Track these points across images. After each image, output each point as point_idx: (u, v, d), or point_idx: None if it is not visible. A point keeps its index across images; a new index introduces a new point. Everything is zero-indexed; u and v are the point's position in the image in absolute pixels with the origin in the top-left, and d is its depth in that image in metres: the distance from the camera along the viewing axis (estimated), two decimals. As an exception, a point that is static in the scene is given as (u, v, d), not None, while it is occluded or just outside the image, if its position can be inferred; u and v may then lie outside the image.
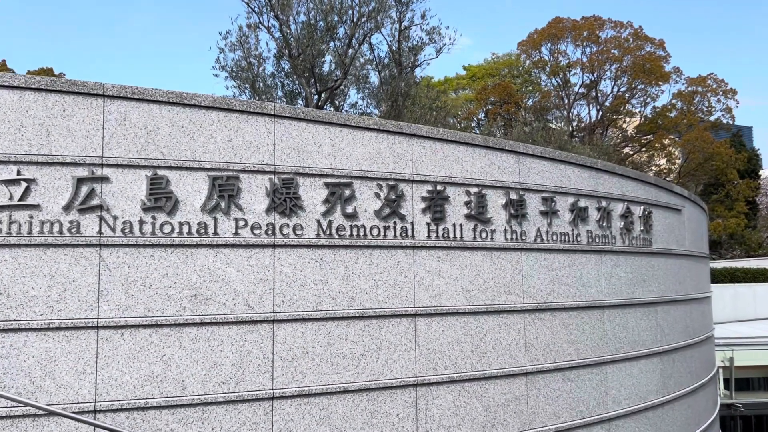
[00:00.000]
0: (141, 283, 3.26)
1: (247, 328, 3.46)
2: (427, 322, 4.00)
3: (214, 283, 3.41)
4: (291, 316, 3.58)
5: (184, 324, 3.33)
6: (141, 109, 3.36)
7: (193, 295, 3.36)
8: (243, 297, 3.47)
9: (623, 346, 5.11)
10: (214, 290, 3.41)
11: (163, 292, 3.30)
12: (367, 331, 3.79)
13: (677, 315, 5.97)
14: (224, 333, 3.41)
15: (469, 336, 4.15)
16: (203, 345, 3.35)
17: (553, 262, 4.65)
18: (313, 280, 3.67)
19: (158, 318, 3.27)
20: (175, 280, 3.33)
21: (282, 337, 3.55)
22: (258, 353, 3.47)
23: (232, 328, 3.43)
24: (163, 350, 3.27)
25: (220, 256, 3.45)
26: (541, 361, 4.46)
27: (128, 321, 3.22)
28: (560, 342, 4.60)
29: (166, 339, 3.29)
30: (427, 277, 4.03)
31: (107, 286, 3.20)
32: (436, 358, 4.00)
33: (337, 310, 3.71)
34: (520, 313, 4.41)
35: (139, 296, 3.25)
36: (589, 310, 4.85)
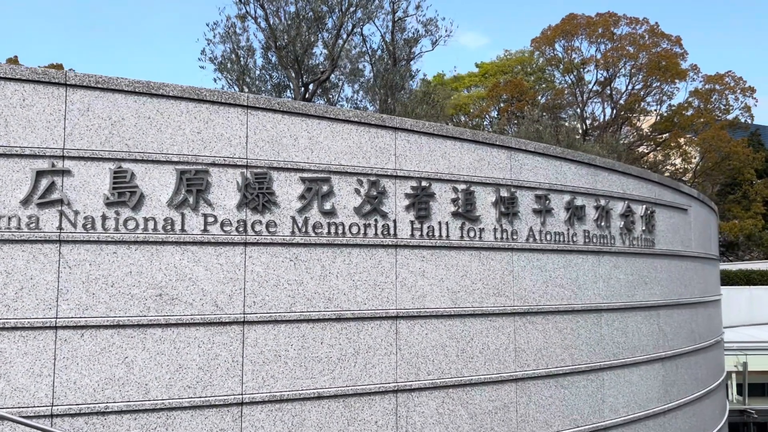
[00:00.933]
0: (103, 281, 3.11)
1: (215, 330, 3.30)
2: (409, 325, 3.81)
3: (181, 282, 3.25)
4: (263, 318, 3.41)
5: (148, 325, 3.17)
6: (105, 99, 3.21)
7: (158, 294, 3.20)
8: (211, 297, 3.31)
9: (622, 351, 4.88)
10: (181, 290, 3.25)
11: (126, 291, 3.15)
12: (345, 334, 3.61)
13: (681, 319, 5.71)
14: (191, 335, 3.25)
15: (454, 340, 3.95)
16: (168, 347, 3.20)
17: (547, 263, 4.42)
18: (287, 280, 3.50)
19: (121, 318, 3.12)
20: (139, 279, 3.18)
21: (253, 340, 3.38)
22: (227, 356, 3.31)
23: (199, 329, 3.27)
24: (125, 352, 3.12)
25: (187, 253, 3.29)
26: (533, 367, 4.25)
27: (89, 321, 3.07)
28: (553, 347, 4.38)
29: (129, 340, 3.13)
30: (410, 277, 3.84)
31: (67, 284, 3.05)
32: (419, 363, 3.81)
33: (313, 311, 3.53)
34: (510, 316, 4.20)
35: (100, 295, 3.10)
36: (586, 314, 4.62)
